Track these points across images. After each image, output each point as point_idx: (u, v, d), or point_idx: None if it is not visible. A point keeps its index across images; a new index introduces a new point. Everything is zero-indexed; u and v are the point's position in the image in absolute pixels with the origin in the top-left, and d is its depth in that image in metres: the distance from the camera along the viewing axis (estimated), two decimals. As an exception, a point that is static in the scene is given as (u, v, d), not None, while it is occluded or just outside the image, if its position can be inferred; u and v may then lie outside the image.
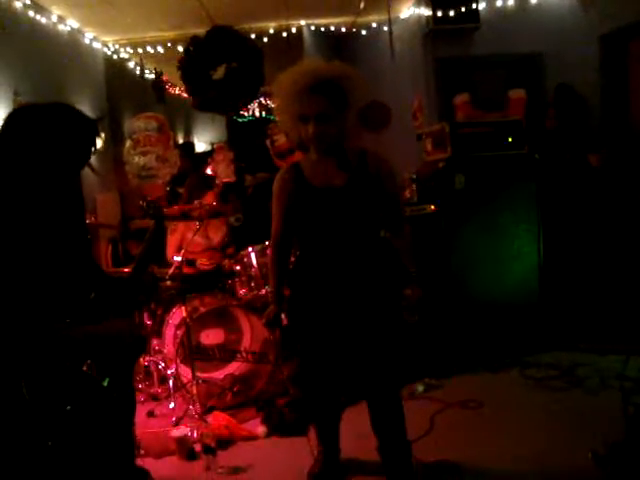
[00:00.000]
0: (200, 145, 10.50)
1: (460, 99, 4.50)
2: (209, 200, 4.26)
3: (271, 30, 6.64)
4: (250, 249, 3.90)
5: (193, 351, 3.55)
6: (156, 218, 2.88)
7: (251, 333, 3.86)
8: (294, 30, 6.70)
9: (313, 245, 2.47)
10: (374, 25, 6.65)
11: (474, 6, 5.61)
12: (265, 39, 6.61)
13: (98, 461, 2.07)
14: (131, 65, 7.44)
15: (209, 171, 5.79)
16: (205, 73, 6.21)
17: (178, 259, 3.70)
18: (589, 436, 2.75)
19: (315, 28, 6.79)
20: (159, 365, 3.79)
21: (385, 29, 6.28)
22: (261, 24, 6.59)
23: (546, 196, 4.17)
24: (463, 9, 5.57)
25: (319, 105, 2.29)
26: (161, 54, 6.83)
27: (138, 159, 5.82)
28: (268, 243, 3.65)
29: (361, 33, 6.74)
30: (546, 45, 5.70)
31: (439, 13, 5.59)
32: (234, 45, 6.18)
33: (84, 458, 2.02)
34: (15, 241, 1.98)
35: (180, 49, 6.39)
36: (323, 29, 6.78)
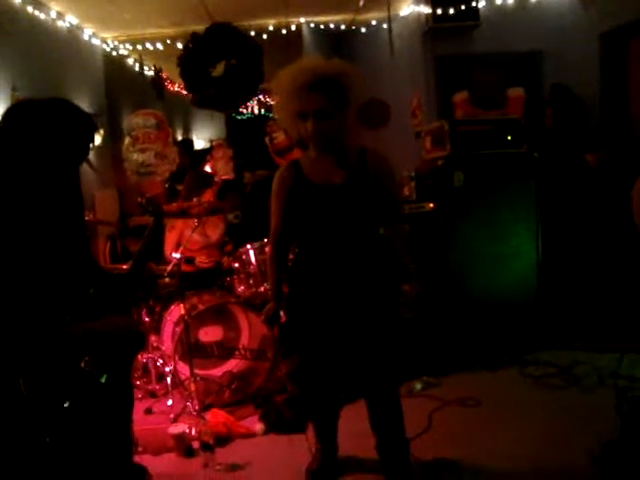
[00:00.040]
0: (199, 142, 10.49)
1: (459, 97, 4.51)
2: (208, 198, 4.25)
3: (270, 27, 6.64)
4: (249, 246, 3.90)
5: (191, 348, 3.54)
6: (155, 215, 2.88)
7: (249, 330, 3.86)
8: (293, 27, 6.70)
9: (312, 242, 2.47)
10: (373, 23, 6.65)
11: (474, 4, 5.61)
12: (264, 36, 6.60)
13: (96, 457, 2.07)
14: (130, 62, 7.43)
15: (208, 168, 5.79)
16: (204, 70, 6.22)
17: (176, 256, 3.70)
18: (586, 434, 2.76)
19: (314, 25, 6.78)
20: (157, 362, 3.80)
21: (384, 27, 6.28)
22: (260, 21, 6.58)
23: (545, 194, 4.17)
24: (463, 7, 5.56)
25: (318, 102, 2.29)
26: (160, 51, 6.81)
27: (137, 156, 5.82)
28: (267, 240, 3.65)
29: (360, 31, 6.74)
30: (546, 43, 5.69)
31: (439, 11, 5.59)
32: (233, 42, 6.19)
33: (82, 455, 2.02)
34: (14, 237, 1.97)
35: (179, 46, 6.40)
36: (322, 26, 6.77)
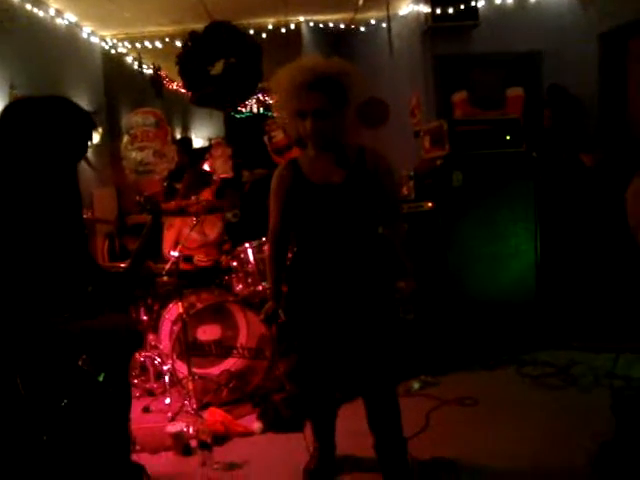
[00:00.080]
0: (198, 141, 10.48)
1: (458, 97, 4.51)
2: (206, 196, 4.25)
3: (270, 26, 6.63)
4: (247, 245, 3.90)
5: (189, 347, 3.54)
6: (153, 213, 2.88)
7: (247, 329, 3.86)
8: (293, 26, 6.69)
9: (311, 241, 2.47)
10: (373, 22, 6.64)
11: (473, 4, 5.61)
12: (264, 35, 6.60)
13: (93, 456, 2.07)
14: (129, 60, 7.42)
15: (207, 167, 5.79)
16: (203, 68, 6.22)
17: (175, 255, 3.70)
18: (584, 434, 2.76)
19: (314, 24, 6.78)
20: (155, 360, 3.79)
21: (384, 26, 6.28)
22: (260, 20, 6.58)
23: (544, 194, 4.18)
24: (462, 7, 5.56)
25: (317, 101, 2.29)
26: (159, 49, 6.81)
27: (135, 154, 5.81)
28: (265, 239, 3.65)
29: (360, 30, 6.74)
30: (545, 43, 5.70)
31: (438, 10, 5.59)
32: (233, 41, 6.18)
33: (79, 453, 2.02)
34: (12, 235, 1.97)
35: (178, 44, 6.39)
36: (322, 25, 6.77)
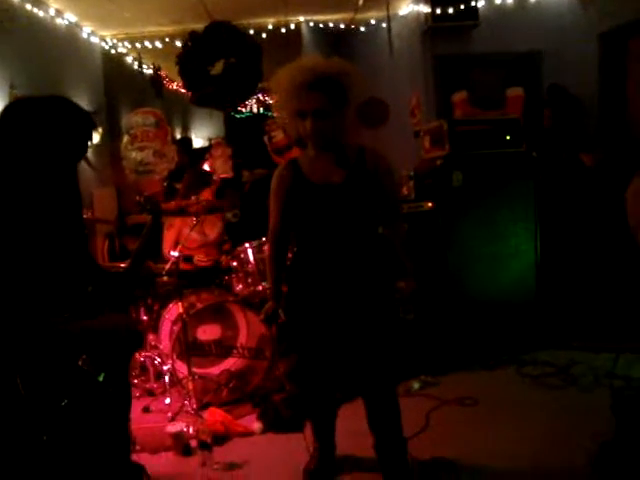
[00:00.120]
0: (198, 141, 10.48)
1: (458, 97, 4.51)
2: (206, 196, 4.25)
3: (270, 26, 6.63)
4: (247, 245, 3.90)
5: (189, 347, 3.54)
6: (153, 213, 2.88)
7: (247, 329, 3.86)
8: (293, 26, 6.69)
9: (311, 241, 2.47)
10: (373, 22, 6.64)
11: (473, 4, 5.61)
12: (264, 35, 6.60)
13: (93, 456, 2.07)
14: (129, 60, 7.42)
15: (207, 167, 5.78)
16: (203, 68, 6.21)
17: (175, 255, 3.70)
18: (584, 434, 2.76)
19: (314, 24, 6.78)
20: (155, 360, 3.79)
21: (384, 26, 6.28)
22: (260, 20, 6.57)
23: (544, 194, 4.17)
24: (462, 7, 5.56)
25: (317, 101, 2.29)
26: (159, 49, 6.81)
27: (135, 154, 5.81)
28: (265, 239, 3.65)
29: (360, 30, 6.73)
30: (545, 43, 5.69)
31: (438, 10, 5.59)
32: (233, 41, 6.18)
33: (79, 453, 2.02)
34: (12, 235, 1.97)
35: (178, 44, 6.39)
36: (322, 25, 6.77)
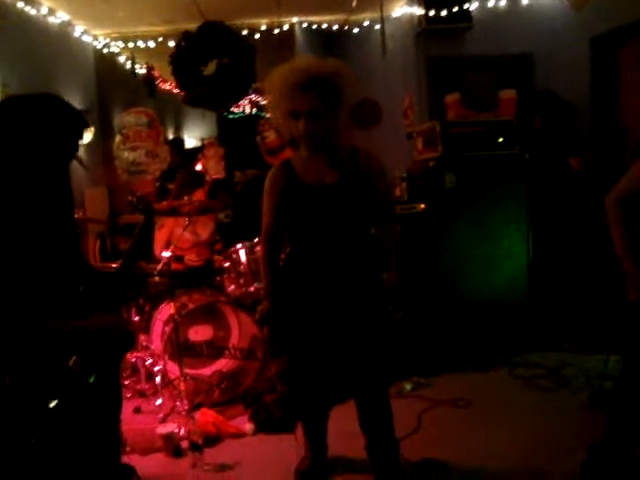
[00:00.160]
0: (190, 141, 10.44)
1: (451, 98, 4.51)
2: (199, 197, 4.23)
3: (263, 27, 6.62)
4: (239, 246, 3.89)
5: (181, 347, 3.53)
6: (146, 213, 2.86)
7: (239, 330, 3.85)
8: (286, 27, 6.69)
9: (304, 242, 2.47)
10: (366, 23, 6.64)
11: (466, 6, 5.62)
12: (257, 35, 6.59)
13: (83, 458, 2.05)
14: (122, 59, 7.39)
15: (199, 167, 5.77)
16: (196, 68, 6.20)
17: (167, 255, 3.68)
18: (575, 436, 2.77)
19: (307, 25, 6.77)
20: (146, 361, 3.77)
21: (377, 27, 6.28)
22: (253, 20, 6.57)
23: (536, 196, 4.19)
24: (455, 9, 5.57)
25: (310, 102, 2.29)
26: (152, 49, 6.78)
27: (127, 154, 5.80)
28: (258, 240, 3.64)
29: (353, 31, 6.73)
30: (537, 46, 5.71)
31: (431, 12, 5.59)
32: (226, 41, 6.17)
33: (69, 455, 2.00)
34: (2, 234, 1.95)
35: (171, 44, 6.37)
36: (315, 26, 6.76)
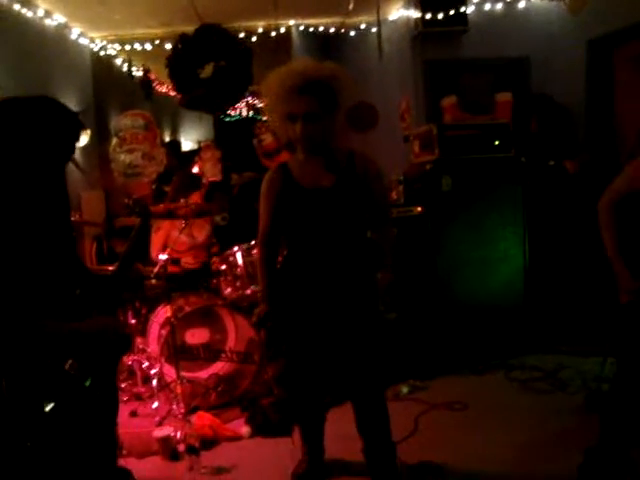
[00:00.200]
0: (187, 144, 10.44)
1: (448, 101, 4.52)
2: (195, 199, 4.24)
3: (260, 29, 6.63)
4: (236, 248, 3.89)
5: (177, 350, 3.52)
6: (142, 216, 2.85)
7: (236, 333, 3.84)
8: (283, 30, 6.69)
9: (301, 245, 2.47)
10: (363, 26, 6.66)
11: (462, 9, 5.63)
12: (254, 38, 6.59)
13: (79, 462, 2.04)
14: (118, 62, 7.39)
15: (196, 170, 5.76)
16: (193, 71, 6.20)
17: (163, 258, 3.68)
18: (572, 439, 2.77)
19: (304, 28, 6.78)
20: (143, 364, 3.76)
21: (374, 30, 6.29)
22: (250, 23, 6.57)
23: (532, 199, 4.19)
24: (452, 12, 5.58)
25: (307, 105, 2.29)
26: (149, 51, 6.77)
27: (124, 157, 5.79)
28: (254, 242, 3.64)
29: (350, 34, 6.75)
30: (533, 49, 5.73)
31: (428, 16, 5.60)
32: (223, 44, 6.18)
33: (65, 459, 1.99)
34: (-2, 237, 1.95)
35: (168, 47, 6.37)
36: (312, 29, 6.78)
